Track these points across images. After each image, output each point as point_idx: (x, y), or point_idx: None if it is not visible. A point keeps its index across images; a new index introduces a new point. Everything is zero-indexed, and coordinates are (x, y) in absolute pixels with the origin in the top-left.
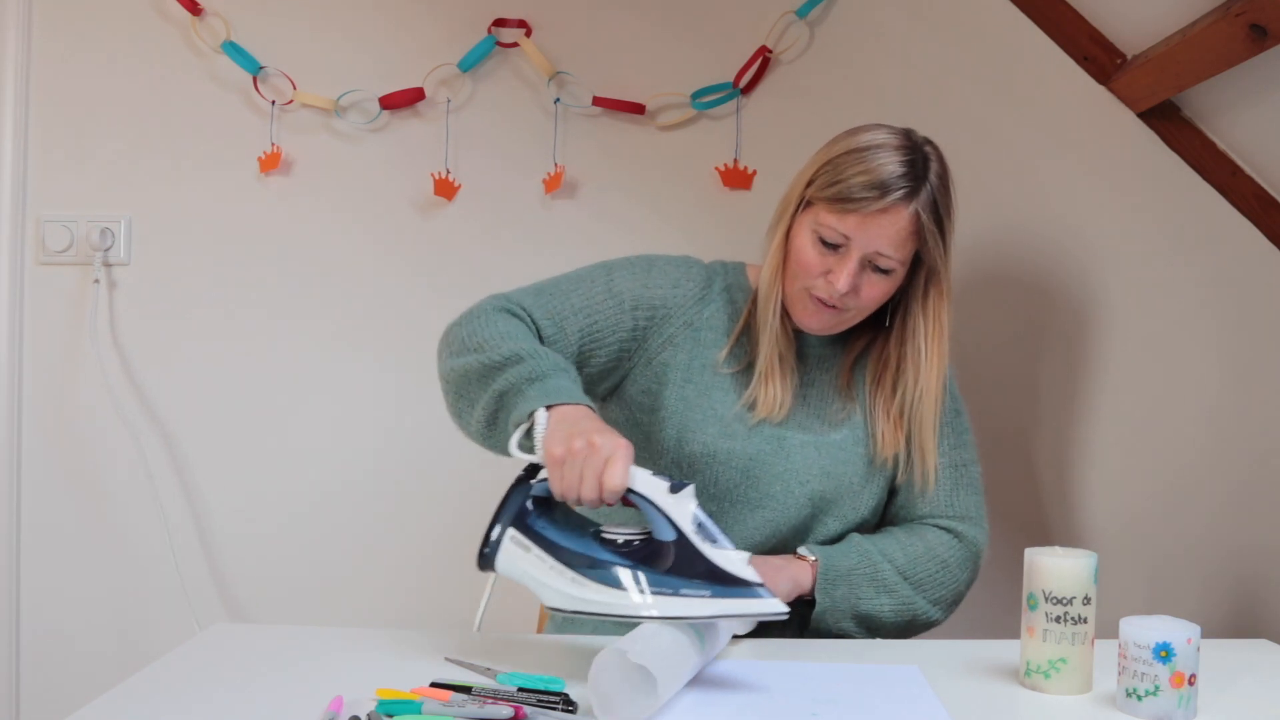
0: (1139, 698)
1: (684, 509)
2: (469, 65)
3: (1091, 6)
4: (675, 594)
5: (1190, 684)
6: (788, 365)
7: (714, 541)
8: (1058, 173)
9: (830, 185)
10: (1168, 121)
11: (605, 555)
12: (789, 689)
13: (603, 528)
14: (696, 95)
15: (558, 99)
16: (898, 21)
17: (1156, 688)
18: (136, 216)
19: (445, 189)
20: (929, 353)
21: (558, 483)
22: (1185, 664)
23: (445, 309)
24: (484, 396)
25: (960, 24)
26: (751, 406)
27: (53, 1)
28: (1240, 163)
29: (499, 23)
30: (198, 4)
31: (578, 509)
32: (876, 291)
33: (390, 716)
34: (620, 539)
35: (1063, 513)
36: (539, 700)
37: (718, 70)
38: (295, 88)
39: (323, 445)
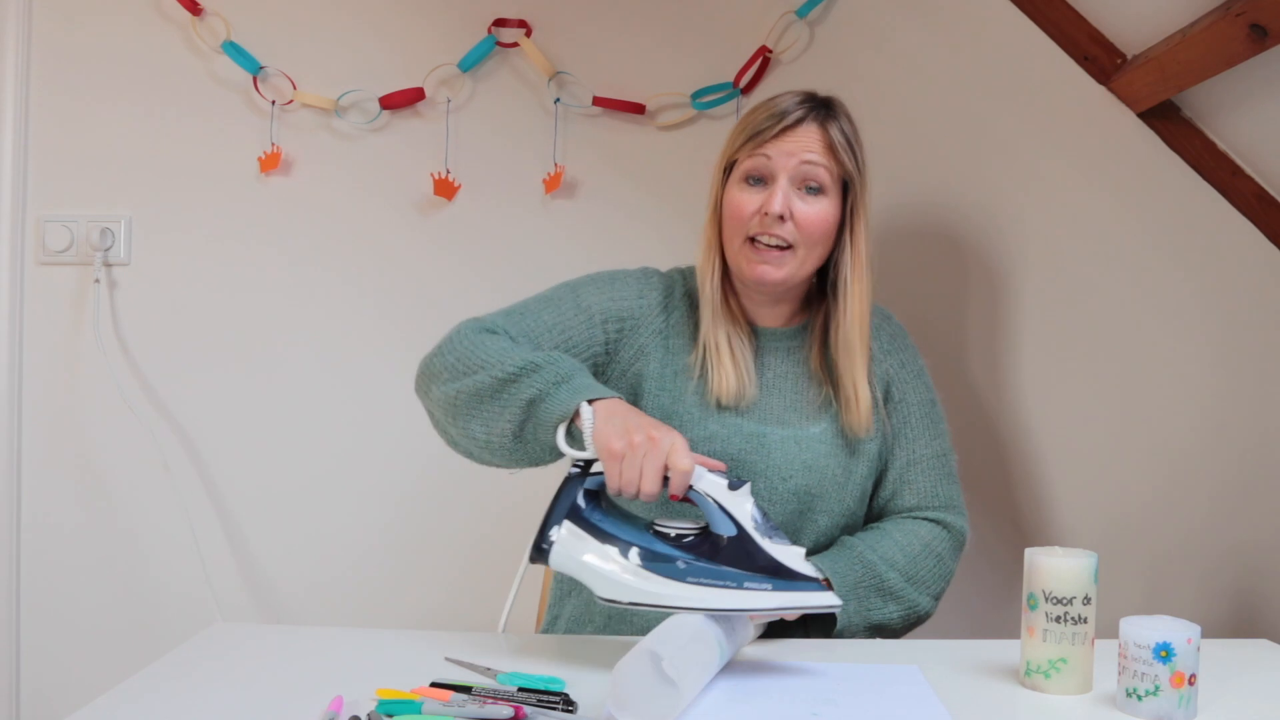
0: (1139, 698)
1: (743, 506)
2: (469, 65)
3: (1091, 6)
4: (739, 587)
5: (1190, 684)
6: (738, 346)
7: (770, 537)
8: (1058, 173)
9: (741, 137)
10: (1168, 121)
11: (663, 548)
12: (789, 689)
13: (656, 521)
14: (696, 95)
15: (558, 99)
16: (898, 21)
17: (1156, 688)
18: (136, 216)
19: (445, 189)
20: (853, 280)
21: (615, 478)
22: (1185, 664)
23: (444, 308)
24: (507, 410)
25: (960, 24)
26: (707, 389)
27: (53, 2)
28: (1240, 163)
29: (499, 23)
30: (198, 4)
31: (626, 505)
32: (813, 212)
33: (390, 716)
34: (674, 533)
35: (1063, 513)
36: (539, 700)
37: (718, 70)
38: (295, 88)
39: (323, 444)
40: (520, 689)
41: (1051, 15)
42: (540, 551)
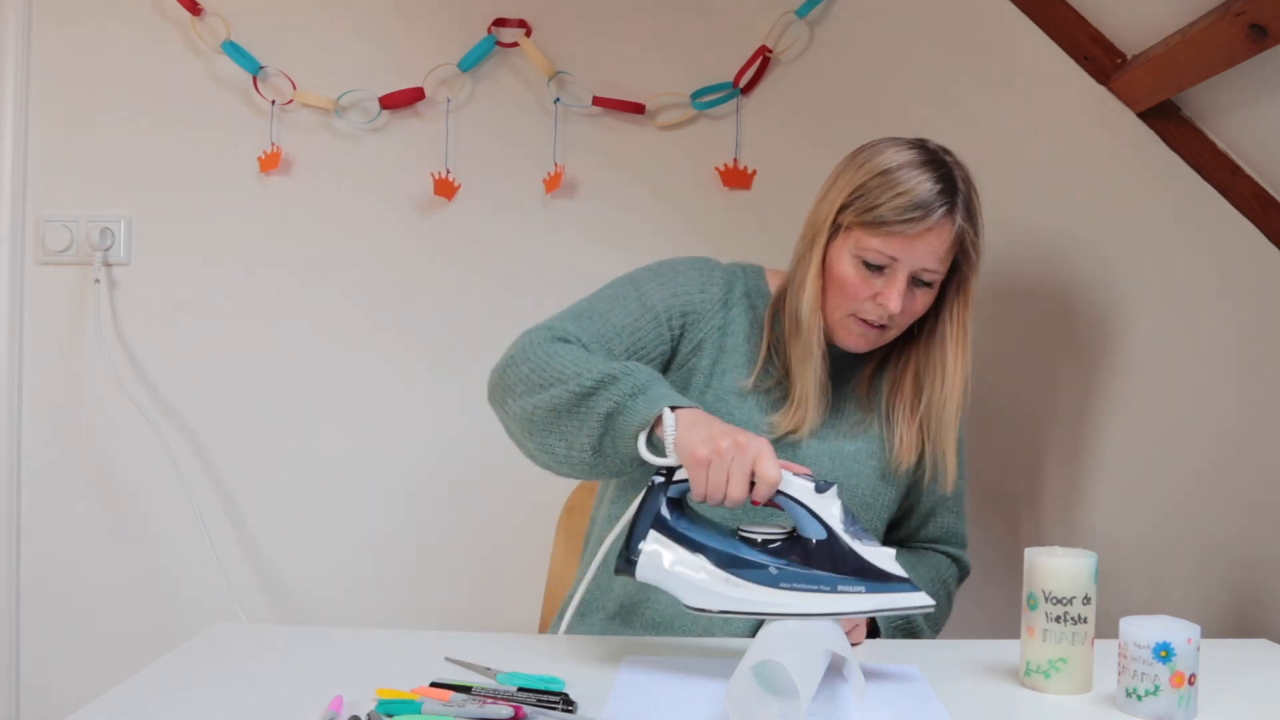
0: (1139, 698)
1: (831, 508)
2: (469, 65)
3: (1091, 6)
4: (833, 591)
5: (1190, 684)
6: (823, 390)
7: (860, 539)
8: (1058, 173)
9: (868, 210)
10: (1168, 121)
11: (752, 554)
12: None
13: (741, 527)
14: (696, 95)
15: (558, 99)
16: (897, 21)
17: (1156, 688)
18: (136, 216)
19: (445, 189)
20: (956, 356)
21: (702, 484)
22: (1185, 664)
23: (445, 308)
24: (586, 424)
25: (960, 24)
26: (780, 414)
27: (53, 2)
28: (1240, 163)
29: (499, 23)
30: (198, 4)
31: (706, 511)
32: (919, 305)
33: (390, 716)
34: (760, 538)
35: (1063, 513)
36: (539, 700)
37: (718, 70)
38: (295, 88)
39: (323, 444)
40: (520, 689)
41: (1051, 15)
42: (629, 563)
